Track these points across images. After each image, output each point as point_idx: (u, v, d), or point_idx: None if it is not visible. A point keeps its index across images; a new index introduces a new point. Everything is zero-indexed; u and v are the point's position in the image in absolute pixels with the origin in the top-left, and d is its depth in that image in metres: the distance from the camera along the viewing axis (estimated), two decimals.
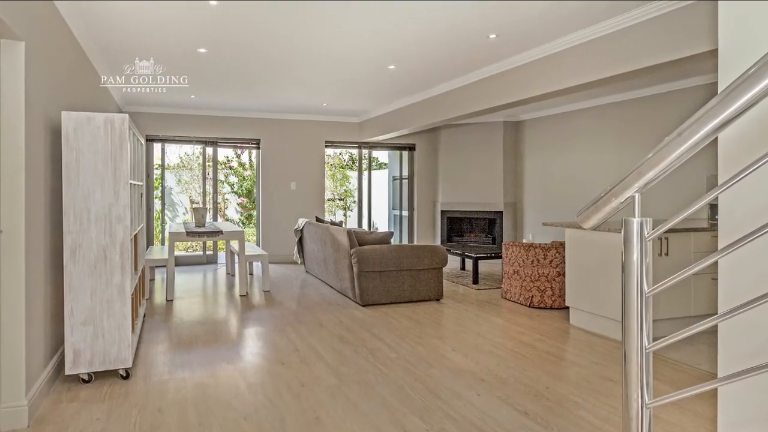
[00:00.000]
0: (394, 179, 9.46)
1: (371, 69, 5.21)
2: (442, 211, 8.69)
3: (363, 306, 4.98)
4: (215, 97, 6.73)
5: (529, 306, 5.09)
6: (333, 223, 5.93)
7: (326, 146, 8.32)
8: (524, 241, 7.84)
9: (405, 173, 8.92)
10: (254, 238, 8.76)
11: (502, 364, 3.42)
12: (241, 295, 5.54)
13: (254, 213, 10.10)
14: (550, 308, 5.05)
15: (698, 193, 5.51)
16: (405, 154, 8.85)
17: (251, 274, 6.79)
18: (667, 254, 3.95)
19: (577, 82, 4.20)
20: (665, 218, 3.92)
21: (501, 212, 8.27)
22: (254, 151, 8.14)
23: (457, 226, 8.82)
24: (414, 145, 8.76)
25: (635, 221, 1.17)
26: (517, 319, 4.63)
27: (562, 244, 5.06)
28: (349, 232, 4.94)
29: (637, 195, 1.16)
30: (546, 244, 5.15)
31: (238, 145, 7.93)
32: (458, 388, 2.97)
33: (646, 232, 1.16)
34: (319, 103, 7.16)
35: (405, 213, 8.93)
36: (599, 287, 4.11)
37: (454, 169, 8.58)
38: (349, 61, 4.90)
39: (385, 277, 4.97)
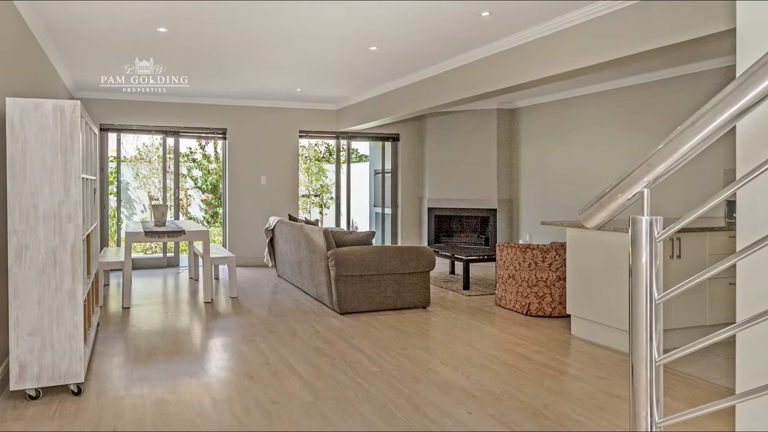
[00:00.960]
0: (376, 173, 9.34)
1: (350, 50, 5.16)
2: (429, 209, 8.66)
3: (341, 314, 4.94)
4: None
5: (526, 314, 5.07)
6: (308, 222, 5.88)
7: (301, 136, 8.25)
8: (521, 241, 7.85)
9: (388, 166, 8.87)
10: (220, 238, 8.66)
11: (495, 378, 3.41)
12: (205, 302, 5.45)
13: (220, 211, 10.00)
14: (550, 317, 5.03)
15: (714, 188, 5.47)
16: (388, 145, 8.81)
17: (217, 278, 6.71)
18: (679, 256, 3.96)
19: (578, 65, 4.19)
20: (677, 216, 3.96)
21: (495, 210, 8.21)
22: (220, 142, 8.04)
23: (445, 226, 8.78)
24: (398, 135, 8.72)
25: (644, 220, 1.15)
26: (512, 328, 4.63)
27: (563, 246, 5.02)
28: (326, 233, 4.89)
29: (646, 191, 1.15)
30: (545, 245, 5.13)
31: (203, 135, 7.82)
32: (447, 406, 2.96)
33: (656, 232, 1.15)
34: (292, 89, 7.09)
35: (388, 210, 8.89)
36: (604, 293, 4.12)
37: (443, 162, 8.54)
38: (325, 41, 4.85)
39: (366, 282, 4.94)
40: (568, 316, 4.96)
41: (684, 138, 1.06)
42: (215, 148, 10.18)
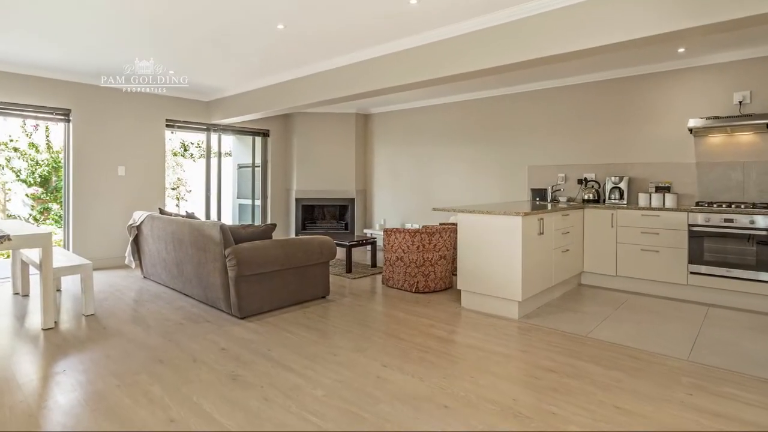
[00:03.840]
0: (240, 167, 7.56)
1: (253, 25, 3.48)
2: (297, 199, 7.21)
3: (242, 318, 3.34)
4: None
5: (415, 292, 4.23)
6: (189, 216, 3.99)
7: (168, 125, 5.94)
8: (377, 226, 7.00)
9: (258, 160, 7.10)
10: (58, 237, 5.84)
11: (443, 372, 2.41)
12: (45, 329, 3.09)
13: (54, 207, 6.89)
14: (434, 291, 4.26)
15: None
16: (258, 139, 7.03)
17: (59, 289, 4.17)
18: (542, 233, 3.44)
19: (419, 78, 3.70)
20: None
21: (353, 199, 7.28)
22: (62, 125, 5.22)
23: (309, 214, 7.48)
24: (268, 131, 7.00)
25: None
26: (413, 308, 3.69)
27: (445, 229, 4.35)
28: (224, 228, 3.22)
29: None
30: (430, 227, 4.32)
31: (31, 114, 4.96)
32: (430, 425, 1.81)
33: None
34: (163, 71, 4.88)
35: (258, 202, 7.15)
36: (492, 269, 3.39)
37: (309, 157, 7.19)
38: (227, 12, 3.11)
39: (270, 279, 3.43)
40: (448, 288, 4.38)
41: None
42: (47, 134, 6.84)
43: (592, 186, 4.86)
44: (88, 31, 3.62)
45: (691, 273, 3.87)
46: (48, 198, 6.99)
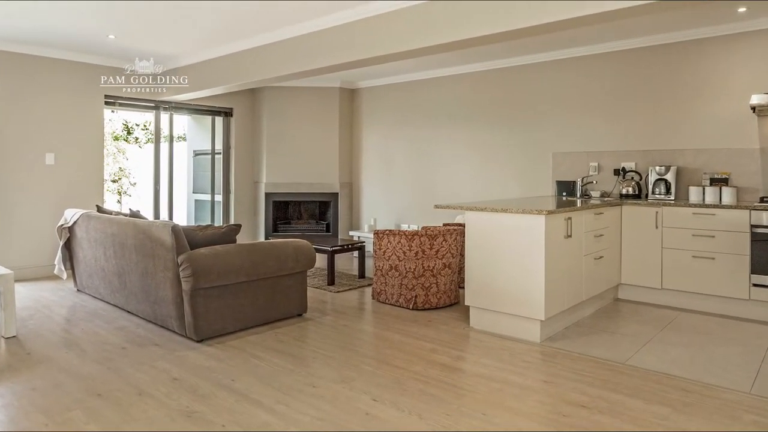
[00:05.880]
0: (197, 154, 7.56)
1: None
2: (267, 194, 7.23)
3: (199, 341, 3.35)
4: None
5: (412, 308, 4.29)
6: (134, 215, 3.99)
7: (107, 104, 5.90)
8: (366, 227, 7.02)
9: (219, 146, 7.09)
10: None
11: (448, 408, 2.44)
12: None
13: None
14: (436, 308, 4.30)
15: None
16: (219, 120, 7.02)
17: None
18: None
19: (422, 44, 3.73)
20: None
21: (336, 194, 7.31)
22: None
23: (283, 213, 7.51)
24: (231, 109, 7.00)
25: None
26: (412, 329, 3.73)
27: (449, 231, 4.38)
28: (176, 229, 3.22)
29: None
30: (431, 229, 4.35)
31: None
32: None
33: None
34: (100, 34, 4.85)
35: (219, 197, 7.14)
36: (511, 280, 3.43)
37: (283, 142, 7.18)
38: None
39: (233, 293, 3.44)
40: (453, 304, 4.43)
41: None
42: None
43: (632, 178, 4.91)
44: None
45: (754, 285, 3.92)
46: None
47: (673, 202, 4.39)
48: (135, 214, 4.04)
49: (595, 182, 5.22)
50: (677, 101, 4.78)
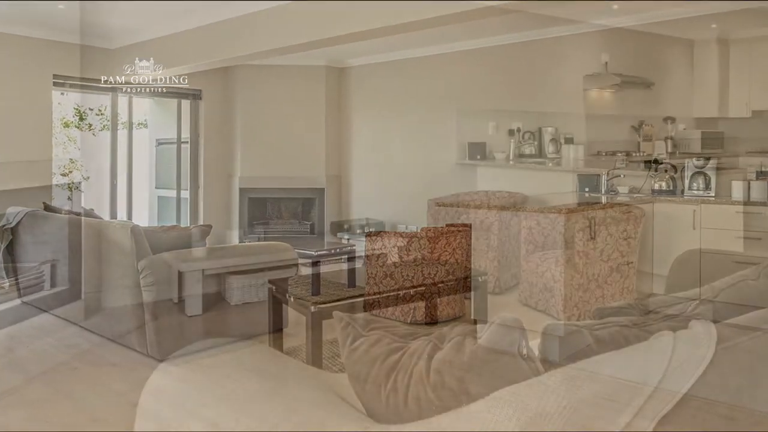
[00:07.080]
0: (160, 143, 7.54)
1: None
2: (242, 190, 7.28)
3: (162, 361, 3.32)
4: None
5: (411, 323, 4.31)
6: (87, 214, 4.00)
7: (56, 84, 5.85)
8: (357, 228, 7.07)
9: (186, 134, 7.09)
10: None
11: None
12: None
13: None
14: (439, 322, 4.32)
15: None
16: (186, 104, 7.01)
17: None
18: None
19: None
20: None
21: (322, 189, 7.37)
22: None
23: (260, 211, 7.54)
24: (200, 91, 6.99)
25: None
26: None
27: (452, 231, 4.41)
28: (136, 230, 3.23)
29: None
30: (433, 230, 4.40)
31: None
32: None
33: None
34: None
35: (186, 194, 7.14)
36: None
37: (260, 130, 7.23)
38: None
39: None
40: (459, 317, 4.37)
41: None
42: None
43: (665, 170, 4.90)
44: None
45: None
46: None
47: (713, 198, 4.42)
48: (88, 213, 4.08)
49: (623, 176, 5.23)
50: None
